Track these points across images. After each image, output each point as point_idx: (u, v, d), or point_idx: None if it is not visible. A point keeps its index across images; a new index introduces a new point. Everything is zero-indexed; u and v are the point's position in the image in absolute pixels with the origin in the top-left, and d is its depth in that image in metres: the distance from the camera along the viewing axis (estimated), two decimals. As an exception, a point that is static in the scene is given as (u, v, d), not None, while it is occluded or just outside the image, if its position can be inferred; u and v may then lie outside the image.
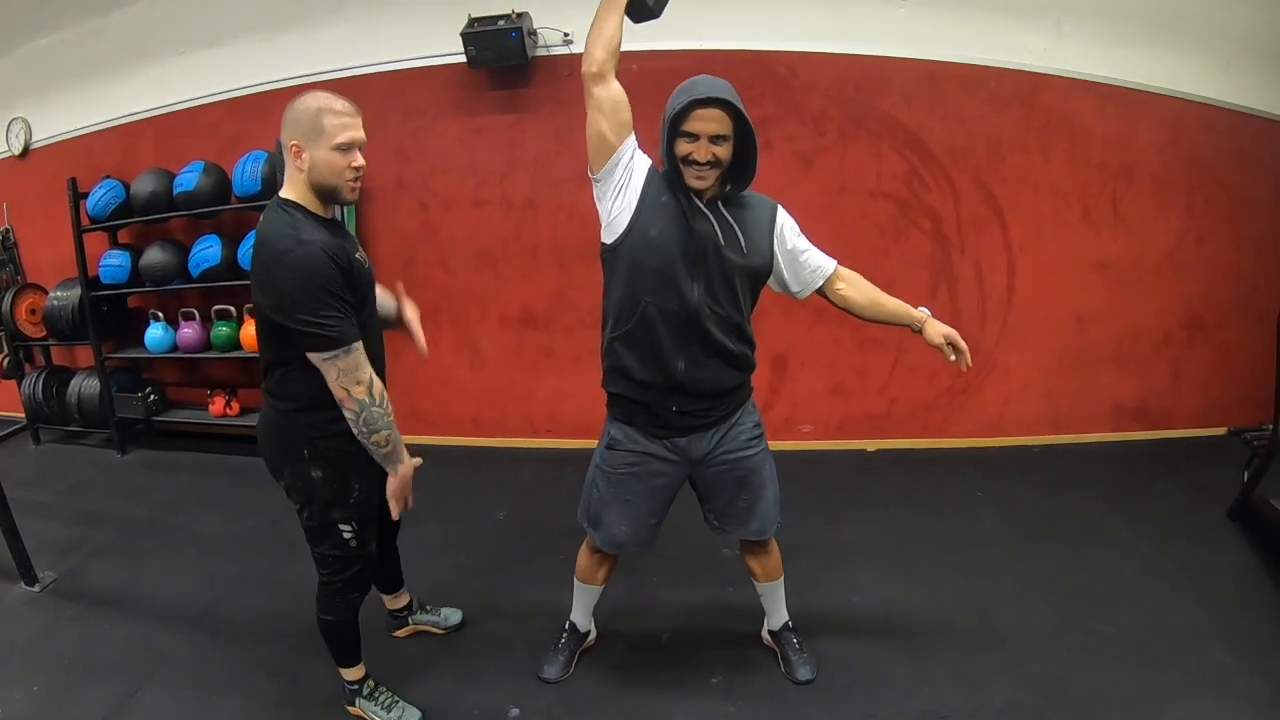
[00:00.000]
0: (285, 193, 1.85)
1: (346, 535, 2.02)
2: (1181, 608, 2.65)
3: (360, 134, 1.83)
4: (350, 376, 1.79)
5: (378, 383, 1.84)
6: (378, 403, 1.83)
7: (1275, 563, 2.87)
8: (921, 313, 2.08)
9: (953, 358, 2.03)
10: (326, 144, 1.77)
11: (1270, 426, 3.06)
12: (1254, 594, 2.73)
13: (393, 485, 1.96)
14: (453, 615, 2.66)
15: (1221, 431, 4.07)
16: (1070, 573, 2.88)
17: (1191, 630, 2.52)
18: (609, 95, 1.84)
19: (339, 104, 1.80)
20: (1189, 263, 3.95)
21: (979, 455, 4.00)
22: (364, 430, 1.84)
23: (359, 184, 1.88)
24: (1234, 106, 3.80)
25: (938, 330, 2.04)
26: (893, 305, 2.11)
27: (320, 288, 1.73)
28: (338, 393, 1.80)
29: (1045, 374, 4.06)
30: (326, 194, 1.84)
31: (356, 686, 2.27)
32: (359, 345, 1.80)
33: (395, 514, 2.00)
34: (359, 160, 1.83)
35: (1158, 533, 3.14)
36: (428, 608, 2.66)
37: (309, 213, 1.83)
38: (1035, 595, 2.74)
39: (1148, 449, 4.03)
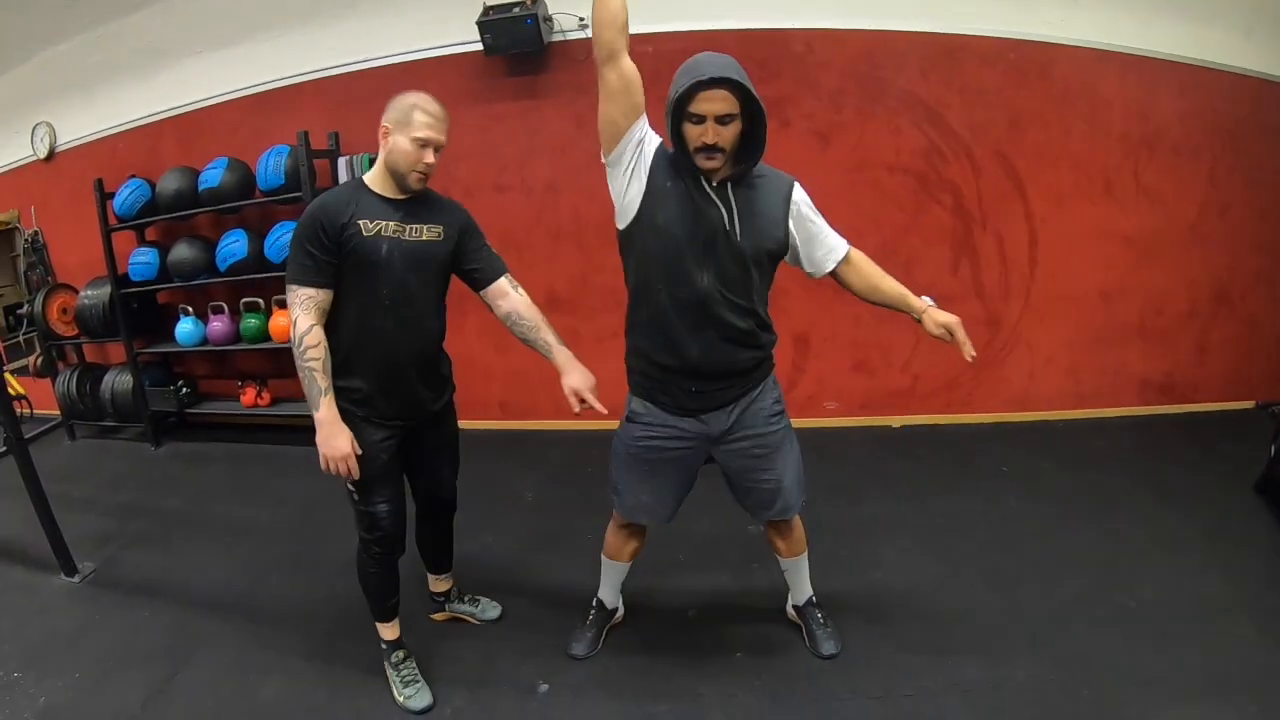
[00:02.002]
0: (369, 172, 2.08)
1: (349, 488, 2.12)
2: (1207, 581, 2.63)
3: (440, 137, 2.01)
4: (290, 311, 1.99)
5: (301, 328, 1.96)
6: (295, 344, 1.97)
7: (1302, 537, 2.84)
8: (922, 301, 2.04)
9: (961, 345, 1.97)
10: (409, 134, 1.97)
11: (1298, 399, 3.03)
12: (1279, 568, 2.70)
13: (317, 435, 2.01)
14: (491, 609, 2.68)
15: (1249, 405, 4.03)
16: (1095, 548, 2.87)
17: (1217, 604, 2.50)
18: (620, 76, 1.80)
19: (433, 106, 2.02)
20: (1213, 234, 3.89)
21: (1003, 431, 3.99)
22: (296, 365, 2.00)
23: (425, 178, 2.04)
24: (1256, 74, 3.73)
25: (935, 319, 1.99)
26: (891, 291, 2.07)
27: (297, 234, 1.99)
28: None
29: (1069, 348, 4.03)
30: (397, 177, 2.02)
31: (386, 648, 2.34)
32: (298, 289, 1.97)
33: (322, 465, 2.03)
34: (430, 158, 2.00)
35: (1183, 507, 3.11)
36: (467, 597, 2.70)
37: (364, 185, 2.06)
38: (1059, 570, 2.74)
39: (1173, 423, 3.99)
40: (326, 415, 1.99)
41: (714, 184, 1.89)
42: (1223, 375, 4.10)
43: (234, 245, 4.10)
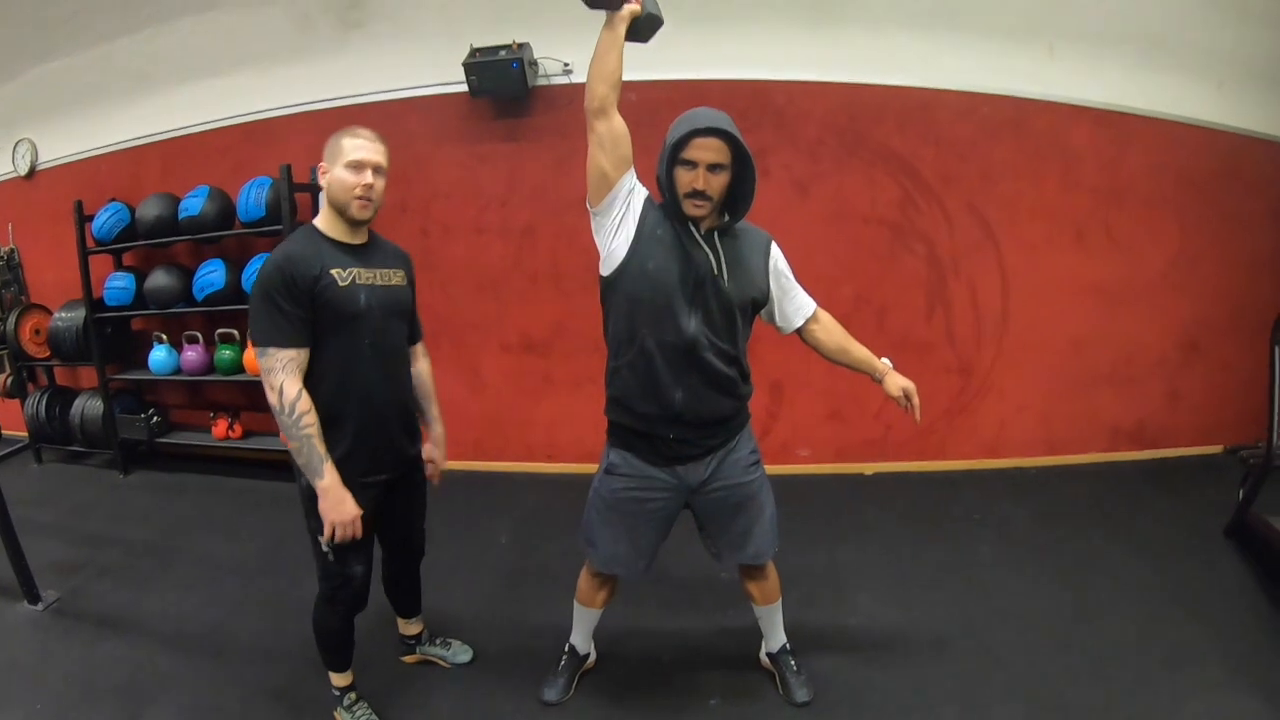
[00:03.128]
0: (317, 217, 2.03)
1: (324, 548, 2.03)
2: (1179, 627, 2.66)
3: (373, 156, 1.96)
4: (266, 379, 1.88)
5: (290, 394, 1.86)
6: (285, 411, 1.87)
7: (1271, 580, 2.89)
8: (884, 364, 2.17)
9: (914, 410, 2.12)
10: (341, 161, 1.93)
11: (1264, 444, 3.09)
12: (1251, 611, 2.74)
13: (320, 502, 1.96)
14: (462, 652, 2.64)
15: (1218, 450, 4.10)
16: (1068, 595, 2.89)
17: (1189, 649, 2.53)
18: (610, 130, 1.86)
19: (361, 130, 1.98)
20: (1182, 283, 3.99)
21: (976, 477, 4.02)
22: (284, 433, 1.91)
23: (369, 203, 1.97)
24: (1226, 127, 3.87)
25: (896, 383, 2.13)
26: (858, 354, 2.19)
27: (263, 291, 1.87)
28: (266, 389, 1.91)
29: (1041, 396, 4.09)
30: (340, 211, 1.97)
31: (339, 694, 2.30)
32: (277, 352, 1.87)
33: (325, 534, 1.98)
34: (368, 179, 1.94)
35: (1155, 552, 3.15)
36: (439, 640, 2.66)
37: (318, 232, 1.99)
38: (1033, 616, 2.75)
39: (1144, 469, 4.05)
40: (331, 481, 1.92)
41: (701, 231, 1.94)
42: (1192, 421, 4.18)
43: (212, 275, 4.07)
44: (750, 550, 2.20)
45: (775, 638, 2.45)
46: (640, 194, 1.97)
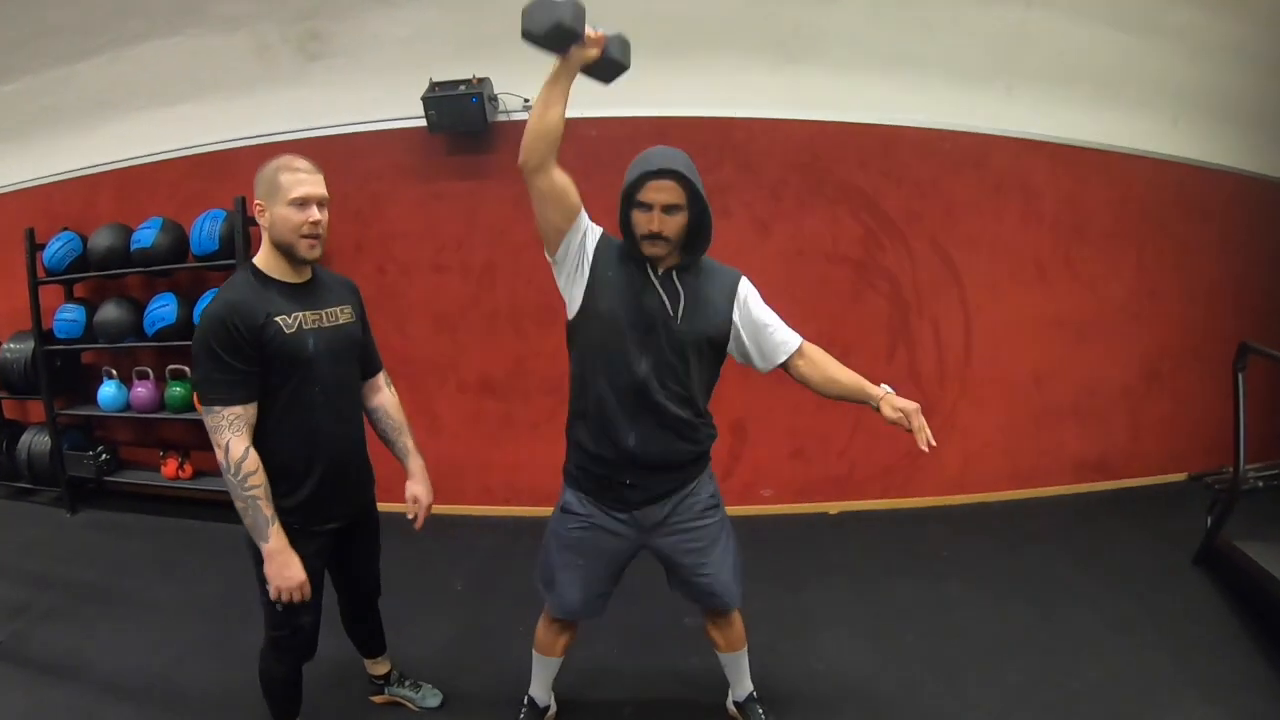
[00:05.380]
0: (257, 256, 1.92)
1: (271, 596, 1.95)
2: (1152, 658, 2.66)
3: (316, 190, 1.87)
4: (212, 436, 1.81)
5: (236, 453, 1.79)
6: (231, 470, 1.80)
7: (1243, 605, 2.91)
8: (880, 390, 2.01)
9: (917, 432, 1.96)
10: (283, 200, 1.83)
11: (1231, 470, 3.11)
12: (1224, 638, 2.76)
13: (265, 566, 1.89)
14: (431, 696, 2.59)
15: (1181, 478, 4.15)
16: (1038, 630, 2.88)
17: (1164, 680, 2.53)
18: (552, 186, 1.82)
19: (298, 162, 1.87)
20: (1142, 315, 4.06)
21: (942, 514, 4.02)
22: (230, 492, 1.84)
23: (317, 241, 1.89)
24: (1182, 159, 3.96)
25: (891, 406, 1.96)
26: (850, 382, 2.04)
27: (204, 344, 1.79)
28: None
29: (1005, 431, 4.11)
30: (286, 251, 1.88)
31: None
32: (223, 410, 1.80)
33: (271, 596, 1.92)
34: (315, 215, 1.86)
35: (1124, 583, 3.17)
36: (408, 682, 2.61)
37: (260, 273, 1.90)
38: (1004, 654, 2.73)
39: (1109, 499, 4.09)
40: (277, 545, 1.85)
41: (659, 272, 1.92)
42: (1155, 451, 4.24)
43: (163, 309, 3.97)
44: (715, 599, 2.17)
45: (742, 685, 2.41)
46: (594, 235, 1.95)
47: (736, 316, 2.01)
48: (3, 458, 4.59)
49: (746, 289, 2.04)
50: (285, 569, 1.87)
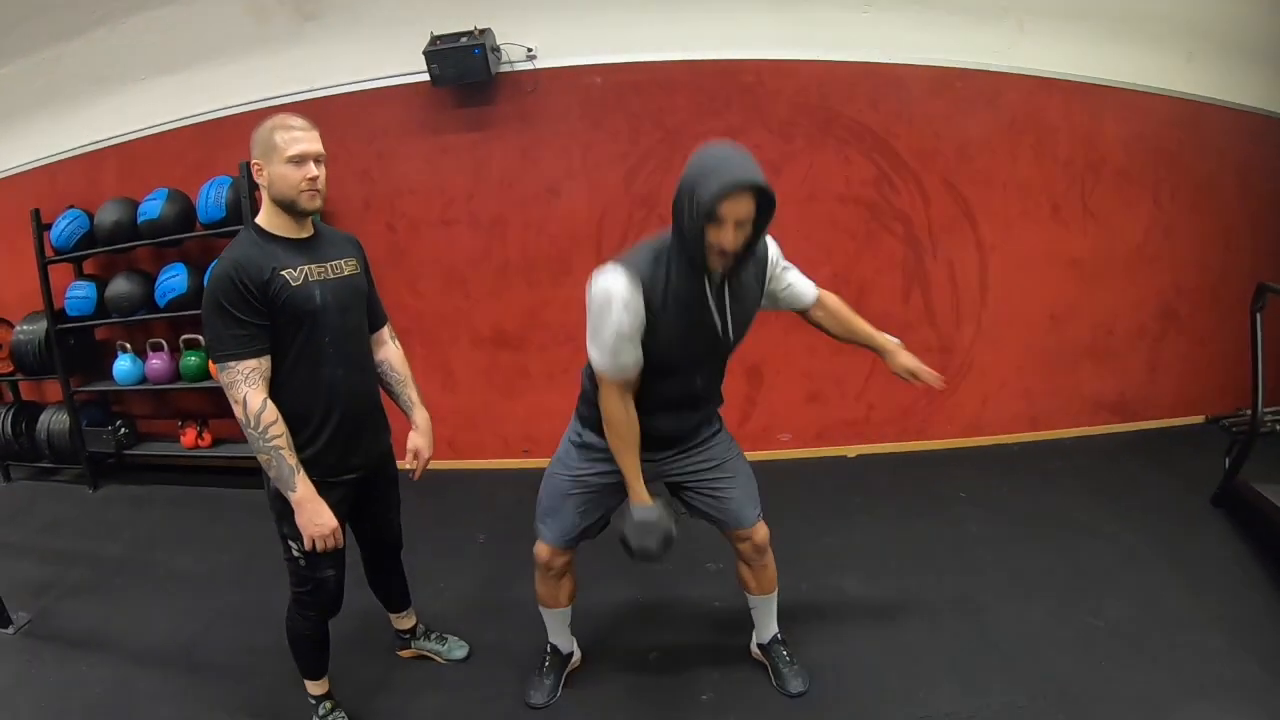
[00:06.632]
0: (259, 215, 1.95)
1: (294, 553, 2.01)
2: (1172, 597, 2.66)
3: (313, 146, 1.88)
4: (229, 392, 1.84)
5: (254, 406, 1.82)
6: (251, 424, 1.83)
7: (1261, 547, 2.89)
8: (891, 342, 2.16)
9: (928, 378, 2.12)
10: (280, 158, 1.85)
11: (1249, 412, 3.09)
12: (1242, 579, 2.75)
13: (296, 516, 1.92)
14: (458, 648, 2.62)
15: (1199, 420, 4.10)
16: (1058, 569, 2.88)
17: (1183, 619, 2.53)
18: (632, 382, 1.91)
19: (293, 120, 1.89)
20: (1159, 255, 3.99)
21: (960, 456, 4.01)
22: (253, 446, 1.86)
23: (316, 193, 1.91)
24: (1197, 98, 3.85)
25: (898, 362, 2.15)
26: (862, 333, 2.19)
27: (214, 303, 1.82)
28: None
29: (1022, 372, 4.08)
30: (287, 207, 1.90)
31: (314, 703, 2.28)
32: (238, 364, 1.83)
33: (305, 546, 1.95)
34: (313, 172, 1.88)
35: (1143, 524, 3.15)
36: (434, 635, 2.64)
37: (263, 231, 1.93)
38: (1024, 594, 2.74)
39: (1127, 441, 4.06)
40: (305, 493, 1.88)
41: (714, 284, 1.88)
42: (1173, 391, 4.19)
43: (174, 280, 3.96)
44: (736, 511, 2.18)
45: (767, 628, 2.42)
46: (636, 301, 1.80)
47: (770, 284, 2.05)
48: (24, 439, 4.60)
49: (774, 258, 2.04)
50: (316, 516, 1.90)
